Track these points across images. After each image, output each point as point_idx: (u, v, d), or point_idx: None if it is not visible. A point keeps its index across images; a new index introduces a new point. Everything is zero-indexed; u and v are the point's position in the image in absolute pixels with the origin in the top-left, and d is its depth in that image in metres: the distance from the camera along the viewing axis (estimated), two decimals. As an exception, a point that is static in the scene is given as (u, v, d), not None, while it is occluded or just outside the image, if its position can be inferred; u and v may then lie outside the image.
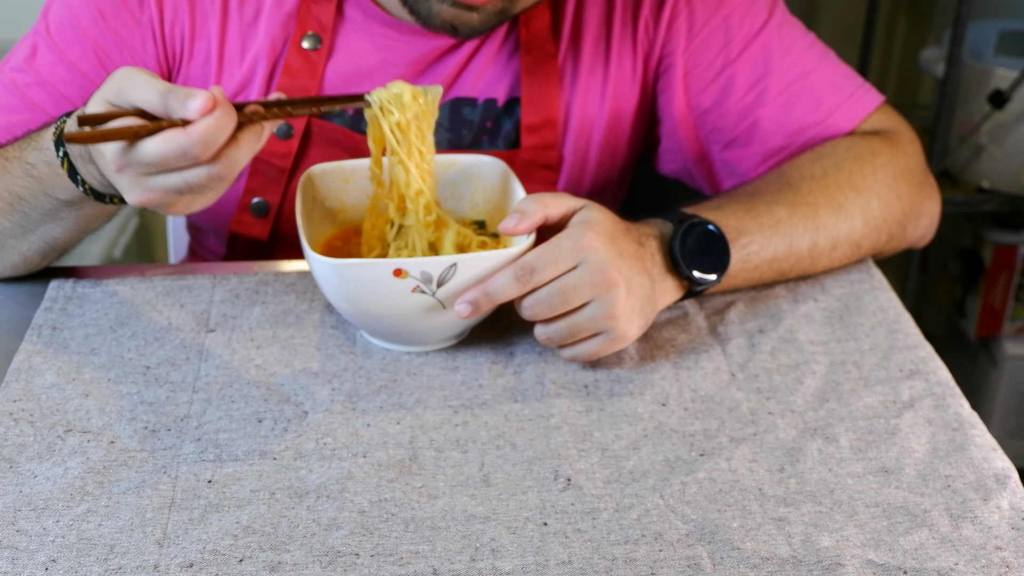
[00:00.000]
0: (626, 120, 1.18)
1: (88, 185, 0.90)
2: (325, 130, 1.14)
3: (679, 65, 1.15)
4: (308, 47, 1.11)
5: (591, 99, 1.16)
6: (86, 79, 1.07)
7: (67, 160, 0.89)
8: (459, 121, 1.15)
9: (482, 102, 1.14)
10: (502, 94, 1.15)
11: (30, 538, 0.77)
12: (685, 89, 1.15)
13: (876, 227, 1.08)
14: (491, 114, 1.15)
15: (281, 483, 0.82)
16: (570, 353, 0.94)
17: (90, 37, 1.07)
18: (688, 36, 1.14)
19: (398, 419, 0.89)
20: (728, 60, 1.13)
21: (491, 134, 1.16)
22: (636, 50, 1.15)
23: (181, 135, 0.78)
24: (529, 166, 1.15)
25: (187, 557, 0.76)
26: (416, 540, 0.78)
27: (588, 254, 0.89)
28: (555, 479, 0.83)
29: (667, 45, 1.15)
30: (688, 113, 1.16)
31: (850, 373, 0.95)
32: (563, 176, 1.18)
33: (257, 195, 1.15)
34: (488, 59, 1.14)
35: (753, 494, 0.82)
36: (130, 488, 0.82)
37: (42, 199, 0.95)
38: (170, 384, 0.92)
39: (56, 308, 1.02)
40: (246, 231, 1.16)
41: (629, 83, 1.16)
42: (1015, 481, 0.83)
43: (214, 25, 1.10)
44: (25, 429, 0.87)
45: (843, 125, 1.13)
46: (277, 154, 1.13)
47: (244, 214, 1.16)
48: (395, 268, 0.88)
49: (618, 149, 1.20)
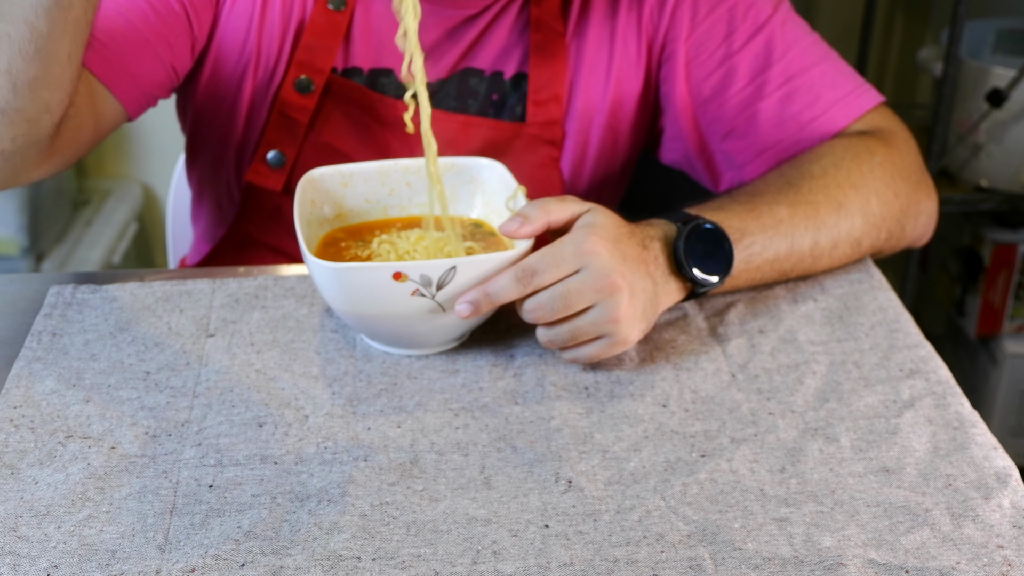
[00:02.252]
0: (629, 105, 1.20)
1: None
2: (344, 88, 1.18)
3: (681, 53, 1.17)
4: (332, 8, 1.16)
5: (595, 81, 1.19)
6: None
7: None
8: (466, 91, 1.18)
9: (489, 74, 1.18)
10: (510, 69, 1.18)
11: (31, 544, 0.77)
12: (686, 77, 1.17)
13: (876, 225, 1.08)
14: (497, 87, 1.18)
15: (282, 487, 0.82)
16: (571, 356, 0.94)
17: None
18: (691, 24, 1.16)
19: (399, 422, 0.89)
20: (730, 51, 1.14)
21: (496, 107, 1.19)
22: (641, 36, 1.18)
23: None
24: (533, 141, 1.17)
25: (189, 562, 0.76)
26: (418, 543, 0.78)
27: (591, 259, 0.89)
28: (556, 481, 0.83)
29: (670, 32, 1.17)
30: (689, 102, 1.18)
31: (850, 373, 0.95)
32: (565, 154, 1.20)
33: (274, 147, 1.18)
34: (501, 34, 1.17)
35: (754, 495, 0.82)
36: (131, 493, 0.82)
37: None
38: (170, 389, 0.92)
39: (56, 314, 1.02)
40: (261, 182, 1.19)
41: (633, 68, 1.19)
42: (1016, 479, 0.83)
43: None
44: (26, 435, 0.87)
45: (839, 121, 1.14)
46: (296, 107, 1.17)
47: (260, 164, 1.19)
48: (394, 272, 0.88)
49: (620, 135, 1.21)
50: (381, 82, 1.18)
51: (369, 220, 1.04)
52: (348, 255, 1.00)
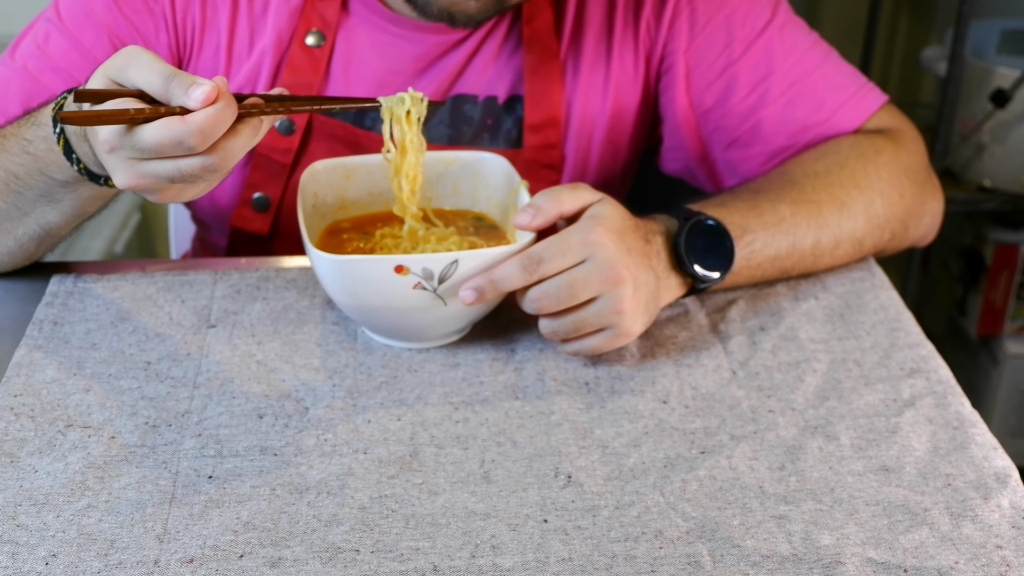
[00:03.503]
0: (628, 118, 1.18)
1: (83, 164, 0.88)
2: (327, 125, 1.14)
3: (681, 64, 1.14)
4: (312, 43, 1.11)
5: (593, 97, 1.16)
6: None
7: (63, 137, 0.87)
8: (460, 118, 1.15)
9: (483, 99, 1.14)
10: (503, 91, 1.15)
11: (30, 533, 0.77)
12: (687, 88, 1.15)
13: (879, 225, 1.08)
14: (492, 111, 1.15)
15: (282, 479, 0.82)
16: (573, 347, 0.94)
17: (104, 23, 1.07)
18: (690, 35, 1.13)
19: (399, 415, 0.89)
20: (730, 60, 1.13)
21: (491, 131, 1.16)
22: (638, 48, 1.15)
23: (180, 124, 0.76)
24: (532, 165, 1.15)
25: (187, 552, 0.76)
26: (416, 536, 0.78)
27: (597, 249, 0.89)
28: (555, 476, 0.83)
29: (669, 44, 1.15)
30: (690, 113, 1.16)
31: (851, 371, 0.95)
32: (566, 175, 1.18)
33: (258, 190, 1.15)
34: (490, 56, 1.14)
35: (753, 492, 0.82)
36: (131, 483, 0.82)
37: (38, 178, 0.93)
38: (171, 380, 0.92)
39: (57, 303, 1.02)
40: (247, 225, 1.16)
41: (631, 81, 1.16)
42: (1015, 480, 0.83)
43: (224, 18, 1.10)
44: (26, 424, 0.87)
45: (846, 125, 1.13)
46: (279, 149, 1.13)
47: (245, 208, 1.16)
48: (396, 264, 0.88)
49: (620, 147, 1.20)
50: (368, 116, 1.14)
51: (372, 212, 1.04)
52: (350, 247, 1.00)
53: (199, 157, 0.78)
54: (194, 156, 0.78)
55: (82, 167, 0.88)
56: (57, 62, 1.07)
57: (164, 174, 0.79)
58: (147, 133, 0.77)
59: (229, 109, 0.77)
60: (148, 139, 0.77)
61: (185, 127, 0.76)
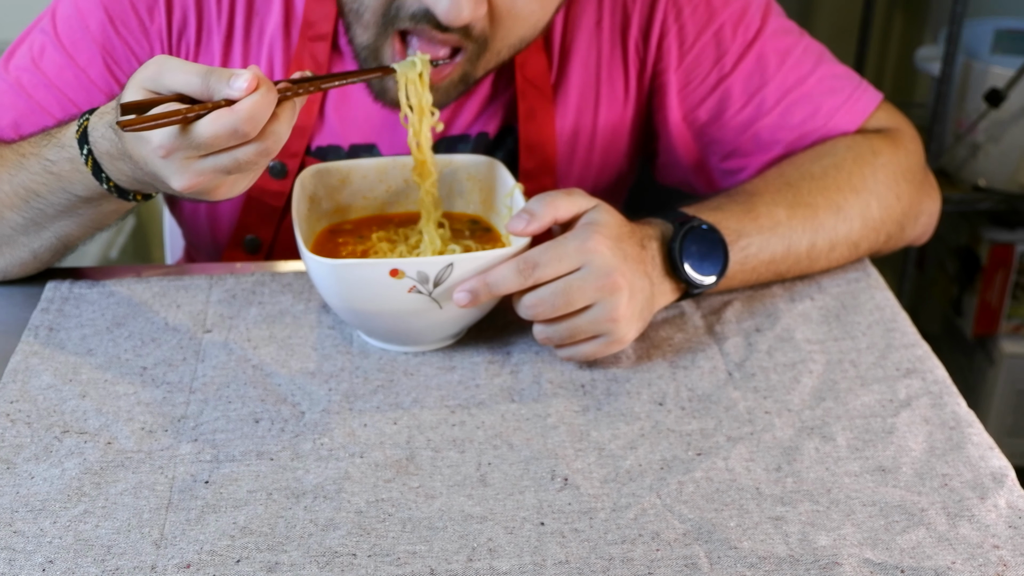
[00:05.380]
0: (621, 138, 1.17)
1: (112, 183, 0.90)
2: None
3: (672, 82, 1.13)
4: None
5: (583, 125, 1.15)
6: (94, 85, 1.06)
7: (91, 158, 0.89)
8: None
9: (475, 136, 1.14)
10: (494, 127, 1.14)
11: (27, 539, 0.77)
12: (680, 104, 1.14)
13: (874, 228, 1.08)
14: (483, 147, 1.14)
15: (278, 483, 0.82)
16: (567, 353, 0.94)
17: (98, 42, 1.06)
18: (680, 53, 1.12)
19: (395, 419, 0.89)
20: (723, 74, 1.12)
21: None
22: (628, 71, 1.14)
23: (230, 114, 0.78)
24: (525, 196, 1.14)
25: (184, 558, 0.76)
26: (413, 540, 0.78)
27: (593, 256, 0.89)
28: (552, 479, 0.83)
29: (659, 63, 1.14)
30: (685, 129, 1.15)
31: (847, 372, 0.95)
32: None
33: (250, 232, 1.15)
34: (481, 98, 1.13)
35: (750, 493, 0.82)
36: (127, 489, 0.82)
37: (60, 195, 0.94)
38: (167, 385, 0.92)
39: (53, 309, 1.02)
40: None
41: (621, 104, 1.15)
42: (1012, 479, 0.84)
43: (217, 44, 1.09)
44: (22, 430, 0.87)
45: (844, 128, 1.12)
46: (271, 193, 1.12)
47: (236, 250, 1.16)
48: (391, 268, 0.88)
49: (613, 166, 1.19)
50: (363, 158, 1.12)
51: (367, 216, 1.04)
52: (345, 251, 1.00)
53: (253, 144, 0.80)
54: (248, 143, 0.80)
55: (111, 185, 0.90)
56: (51, 79, 1.07)
57: (222, 166, 0.81)
58: (202, 128, 0.79)
59: (271, 94, 0.79)
60: (204, 133, 0.78)
61: (236, 116, 0.78)
